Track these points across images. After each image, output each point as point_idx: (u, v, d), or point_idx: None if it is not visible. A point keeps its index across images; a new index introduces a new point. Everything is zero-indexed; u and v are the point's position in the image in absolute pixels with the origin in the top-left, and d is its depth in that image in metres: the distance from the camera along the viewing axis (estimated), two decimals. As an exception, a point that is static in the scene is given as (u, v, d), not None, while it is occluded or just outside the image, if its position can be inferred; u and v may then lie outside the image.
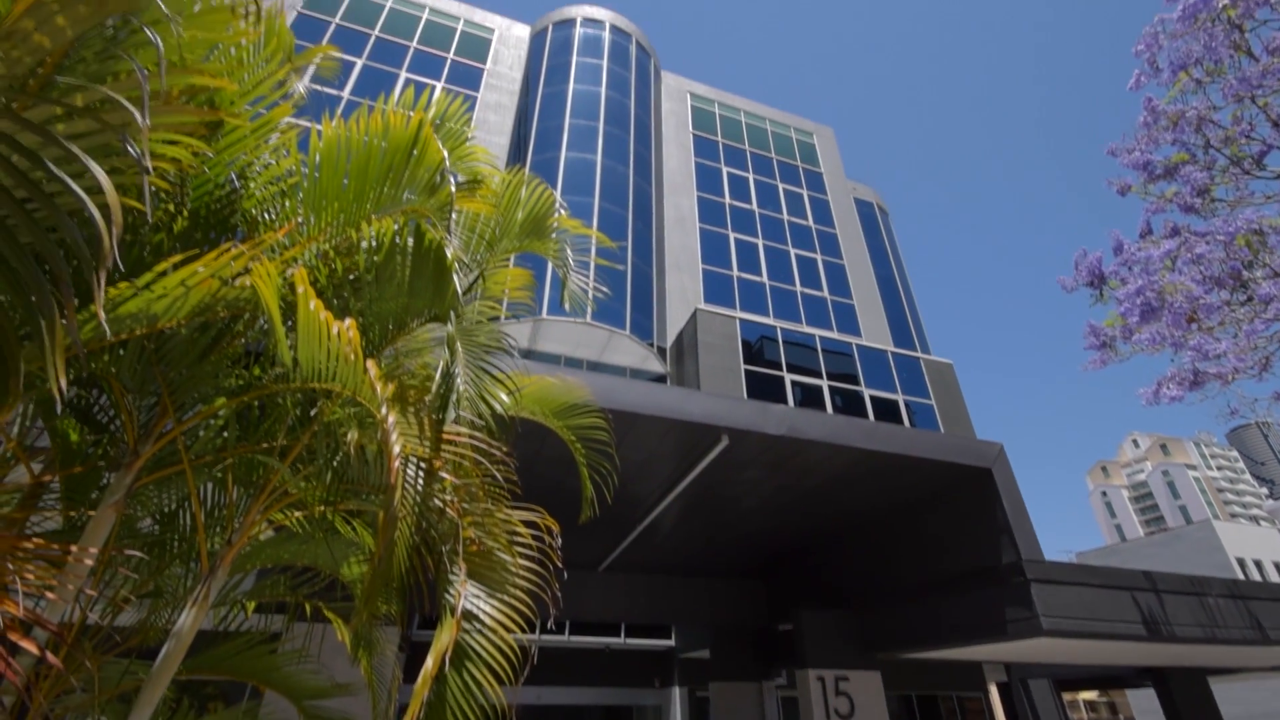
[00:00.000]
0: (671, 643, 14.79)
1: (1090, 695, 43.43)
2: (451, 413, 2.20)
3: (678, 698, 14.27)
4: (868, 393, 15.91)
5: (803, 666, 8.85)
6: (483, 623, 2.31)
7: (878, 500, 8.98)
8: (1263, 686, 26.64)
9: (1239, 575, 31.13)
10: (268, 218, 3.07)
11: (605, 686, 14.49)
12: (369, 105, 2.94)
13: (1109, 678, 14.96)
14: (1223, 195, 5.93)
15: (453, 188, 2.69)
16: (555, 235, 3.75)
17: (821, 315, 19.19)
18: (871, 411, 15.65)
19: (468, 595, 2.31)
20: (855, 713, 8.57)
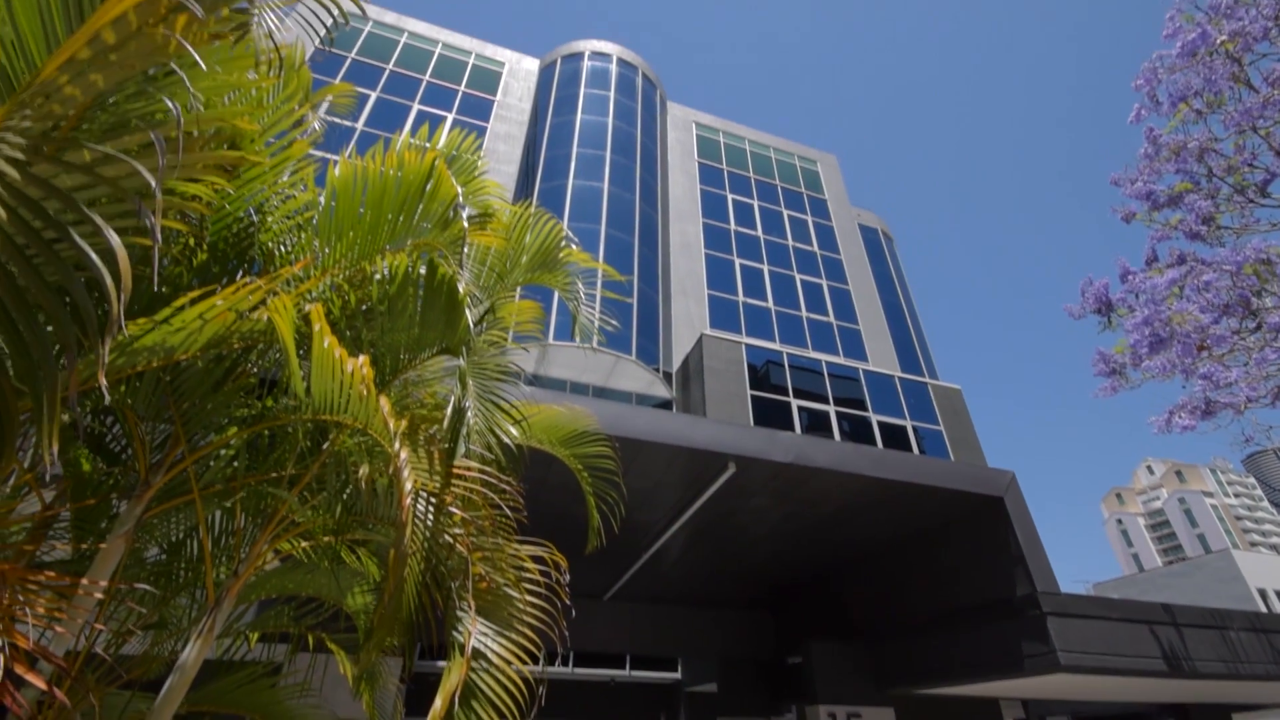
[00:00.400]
0: (678, 675, 14.44)
1: (1111, 732, 41.84)
2: (462, 446, 2.20)
3: (684, 733, 13.86)
4: (875, 418, 15.77)
5: (813, 702, 8.62)
6: (490, 660, 2.28)
7: (887, 529, 8.84)
8: (1291, 724, 25.64)
9: (1260, 606, 30.26)
10: (284, 250, 3.13)
11: (610, 721, 14.11)
12: (384, 139, 3.02)
13: (1130, 715, 14.45)
14: (1228, 223, 5.95)
15: (465, 222, 2.74)
16: (564, 268, 3.80)
17: (827, 340, 19.17)
18: (879, 437, 15.49)
19: (477, 633, 2.28)
20: (868, 751, 8.32)
